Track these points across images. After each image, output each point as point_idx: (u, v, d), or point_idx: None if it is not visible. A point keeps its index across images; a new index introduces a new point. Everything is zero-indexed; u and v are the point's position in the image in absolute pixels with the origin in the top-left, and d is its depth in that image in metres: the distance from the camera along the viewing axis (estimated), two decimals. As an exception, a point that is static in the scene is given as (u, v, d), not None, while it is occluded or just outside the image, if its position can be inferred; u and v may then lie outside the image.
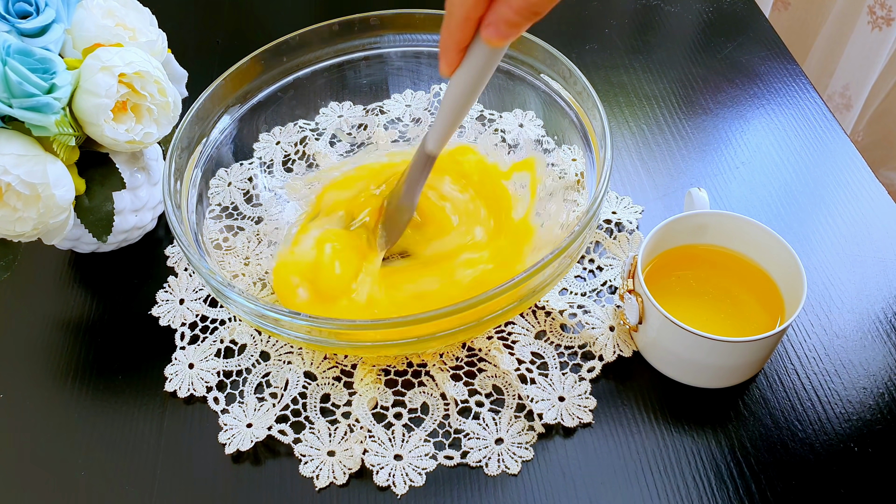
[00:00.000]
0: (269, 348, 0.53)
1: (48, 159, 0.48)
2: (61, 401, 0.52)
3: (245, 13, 0.82)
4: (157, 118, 0.52)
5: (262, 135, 0.62)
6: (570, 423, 0.48)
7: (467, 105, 0.44)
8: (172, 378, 0.52)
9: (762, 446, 0.47)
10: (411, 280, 0.53)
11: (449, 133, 0.47)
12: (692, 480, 0.46)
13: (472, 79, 0.42)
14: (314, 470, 0.47)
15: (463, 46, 0.40)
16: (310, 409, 0.50)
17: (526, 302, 0.46)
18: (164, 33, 0.56)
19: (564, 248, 0.44)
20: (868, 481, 0.46)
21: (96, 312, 0.57)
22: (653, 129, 0.67)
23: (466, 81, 0.42)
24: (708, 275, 0.52)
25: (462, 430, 0.49)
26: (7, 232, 0.49)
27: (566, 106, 0.55)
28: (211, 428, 0.50)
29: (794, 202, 0.61)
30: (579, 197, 0.54)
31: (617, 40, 0.76)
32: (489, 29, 0.38)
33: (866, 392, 0.50)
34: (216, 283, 0.44)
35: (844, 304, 0.54)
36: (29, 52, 0.46)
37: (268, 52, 0.57)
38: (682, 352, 0.47)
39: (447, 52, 0.41)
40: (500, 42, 0.38)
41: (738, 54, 0.73)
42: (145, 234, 0.60)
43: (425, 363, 0.52)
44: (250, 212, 0.59)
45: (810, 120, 0.67)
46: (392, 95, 0.67)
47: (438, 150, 0.48)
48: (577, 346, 0.52)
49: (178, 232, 0.47)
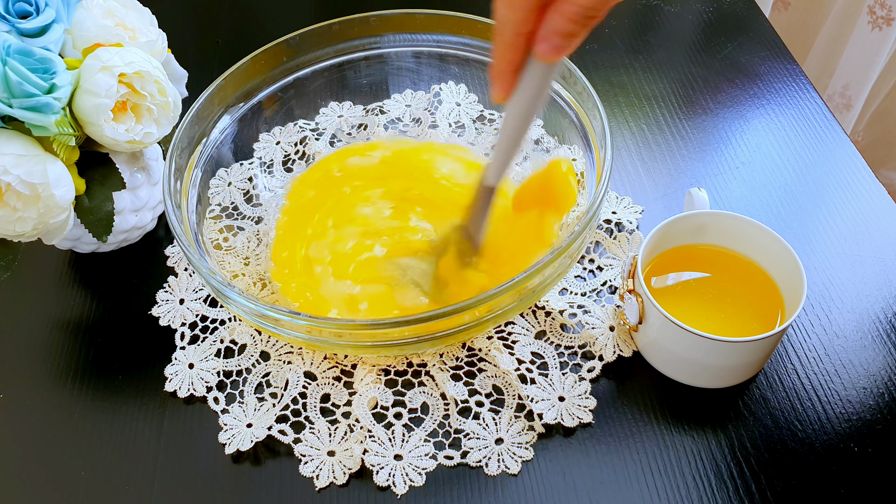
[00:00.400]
0: (269, 348, 0.53)
1: (48, 159, 0.48)
2: (61, 401, 0.52)
3: (245, 13, 0.82)
4: (157, 118, 0.52)
5: (262, 135, 0.62)
6: (570, 423, 0.48)
7: (524, 129, 0.41)
8: (172, 378, 0.52)
9: (762, 446, 0.47)
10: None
11: (509, 163, 0.44)
12: (692, 480, 0.46)
13: (529, 100, 0.39)
14: (314, 470, 0.47)
15: (516, 67, 0.37)
16: (310, 409, 0.50)
17: (526, 302, 0.46)
18: (164, 33, 0.56)
19: (564, 248, 0.44)
20: (868, 481, 0.46)
21: (96, 312, 0.57)
22: (653, 129, 0.67)
23: (523, 104, 0.39)
24: (708, 275, 0.52)
25: (462, 430, 0.49)
26: (7, 232, 0.49)
27: (566, 106, 0.55)
28: (211, 428, 0.50)
29: (794, 202, 0.61)
30: (579, 197, 0.54)
31: (617, 40, 0.76)
32: (543, 44, 0.35)
33: (866, 392, 0.50)
34: (216, 283, 0.44)
35: (844, 304, 0.54)
36: (29, 52, 0.46)
37: (268, 52, 0.57)
38: (682, 352, 0.47)
39: (501, 76, 0.38)
40: (556, 57, 0.35)
41: (738, 54, 0.73)
42: (145, 234, 0.60)
43: (425, 363, 0.52)
44: (250, 212, 0.59)
45: (810, 120, 0.67)
46: (392, 95, 0.67)
47: (498, 182, 0.46)
48: (577, 346, 0.52)
49: (178, 232, 0.47)
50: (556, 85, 0.55)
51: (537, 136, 0.61)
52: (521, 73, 0.38)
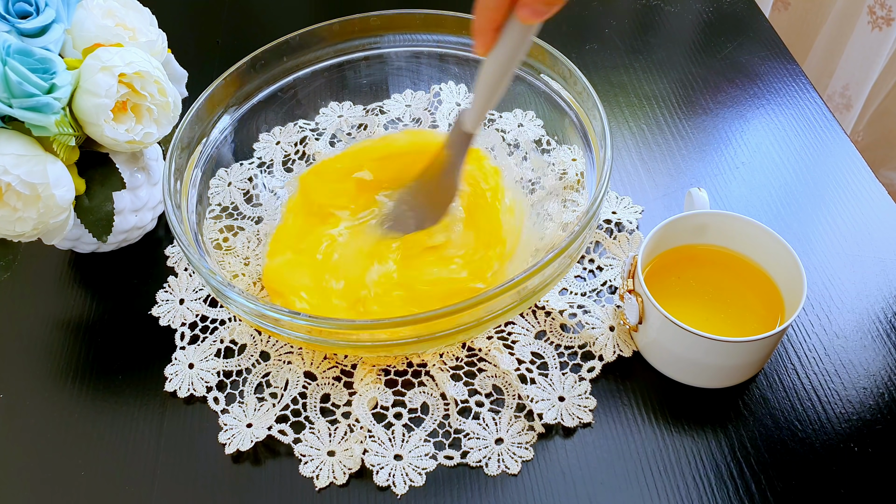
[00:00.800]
0: (269, 348, 0.53)
1: (48, 159, 0.48)
2: (61, 401, 0.52)
3: (245, 13, 0.82)
4: (157, 118, 0.52)
5: (262, 135, 0.62)
6: (570, 423, 0.48)
7: (502, 83, 0.45)
8: (172, 378, 0.52)
9: (762, 446, 0.47)
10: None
11: (485, 111, 0.48)
12: (692, 480, 0.46)
13: (507, 57, 0.43)
14: (314, 470, 0.47)
15: (497, 26, 0.41)
16: (310, 409, 0.50)
17: (526, 302, 0.46)
18: (164, 33, 0.56)
19: (564, 248, 0.44)
20: (868, 481, 0.46)
21: (96, 312, 0.57)
22: (653, 129, 0.67)
23: (501, 60, 0.43)
24: (708, 275, 0.52)
25: (462, 430, 0.49)
26: (7, 232, 0.49)
27: (566, 106, 0.55)
28: (211, 428, 0.50)
29: (794, 202, 0.61)
30: (579, 197, 0.54)
31: (617, 40, 0.76)
32: (525, 9, 0.39)
33: (866, 392, 0.50)
34: (216, 283, 0.44)
35: (844, 304, 0.54)
36: (29, 52, 0.46)
37: (268, 52, 0.57)
38: (682, 352, 0.47)
39: (483, 33, 0.42)
40: (536, 20, 0.40)
41: (738, 54, 0.73)
42: (145, 234, 0.60)
43: (425, 363, 0.52)
44: (250, 212, 0.59)
45: (810, 120, 0.67)
46: (392, 95, 0.67)
47: (476, 129, 0.49)
48: (577, 346, 0.52)
49: (178, 232, 0.47)
50: (556, 85, 0.56)
51: (537, 136, 0.61)
52: (503, 32, 0.42)
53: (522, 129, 0.62)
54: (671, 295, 0.50)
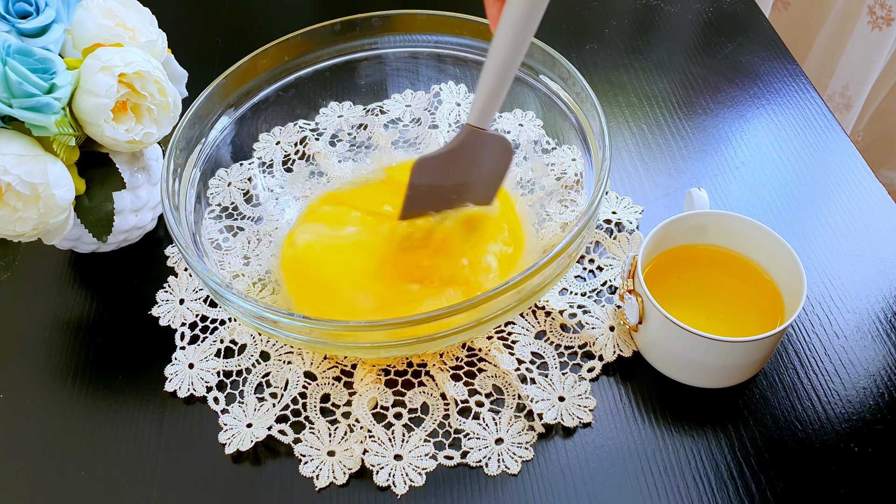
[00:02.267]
0: (269, 348, 0.53)
1: (48, 159, 0.48)
2: (61, 401, 0.52)
3: (245, 13, 0.82)
4: (157, 118, 0.52)
5: (262, 135, 0.62)
6: (570, 423, 0.48)
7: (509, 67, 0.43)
8: (172, 378, 0.52)
9: (762, 446, 0.47)
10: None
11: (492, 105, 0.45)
12: (692, 480, 0.46)
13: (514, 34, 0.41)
14: (314, 470, 0.47)
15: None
16: (310, 409, 0.50)
17: (526, 302, 0.46)
18: (164, 33, 0.56)
19: (564, 248, 0.44)
20: (868, 481, 0.46)
21: (96, 312, 0.57)
22: (653, 129, 0.67)
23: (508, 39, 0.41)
24: (708, 275, 0.52)
25: (462, 430, 0.49)
26: (7, 232, 0.49)
27: (565, 107, 0.55)
28: (211, 428, 0.50)
29: (794, 202, 0.61)
30: (579, 197, 0.54)
31: (617, 40, 0.76)
32: None
33: (866, 392, 0.50)
34: (213, 284, 0.44)
35: (844, 304, 0.54)
36: (29, 52, 0.46)
37: (268, 52, 0.57)
38: (682, 352, 0.47)
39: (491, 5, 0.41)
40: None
41: (738, 54, 0.73)
42: (145, 234, 0.60)
43: (425, 363, 0.52)
44: (250, 212, 0.59)
45: (810, 120, 0.67)
46: (392, 95, 0.67)
47: (484, 124, 0.47)
48: (577, 346, 0.52)
49: (176, 232, 0.47)
50: (555, 86, 0.56)
51: (536, 136, 0.61)
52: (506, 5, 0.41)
53: (522, 129, 0.62)
54: (671, 295, 0.50)
